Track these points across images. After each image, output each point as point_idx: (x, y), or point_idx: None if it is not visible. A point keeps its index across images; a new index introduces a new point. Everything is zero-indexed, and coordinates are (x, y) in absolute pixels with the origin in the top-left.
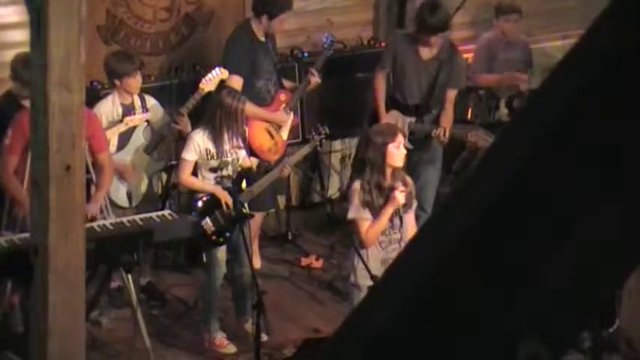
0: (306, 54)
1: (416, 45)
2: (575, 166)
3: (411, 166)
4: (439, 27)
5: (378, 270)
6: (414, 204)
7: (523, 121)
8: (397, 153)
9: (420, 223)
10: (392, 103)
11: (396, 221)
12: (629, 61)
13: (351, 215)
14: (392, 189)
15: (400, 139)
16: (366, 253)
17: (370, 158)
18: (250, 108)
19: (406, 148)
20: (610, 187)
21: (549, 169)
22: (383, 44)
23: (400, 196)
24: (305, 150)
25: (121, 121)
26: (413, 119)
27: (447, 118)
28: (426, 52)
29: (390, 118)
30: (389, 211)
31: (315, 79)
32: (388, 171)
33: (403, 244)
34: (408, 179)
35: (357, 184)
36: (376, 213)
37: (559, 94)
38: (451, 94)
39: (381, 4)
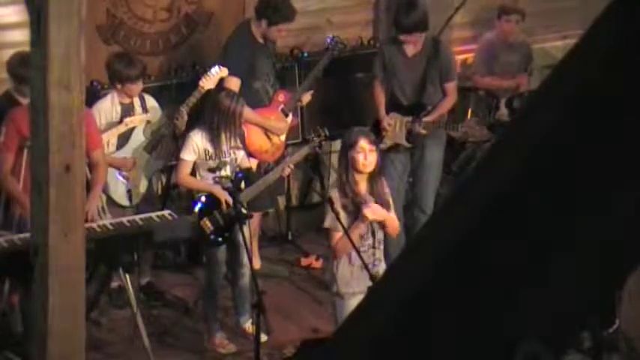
0: (306, 54)
1: (400, 44)
2: (575, 166)
3: (413, 166)
4: (415, 27)
5: (358, 276)
6: (391, 209)
7: (523, 121)
8: (358, 158)
9: (420, 226)
10: (391, 106)
11: (371, 231)
12: (629, 61)
13: (326, 224)
14: (363, 203)
15: (364, 144)
16: (348, 259)
17: (340, 160)
18: (248, 113)
19: (405, 147)
20: (610, 186)
21: (549, 169)
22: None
23: (369, 213)
24: (304, 151)
25: (121, 121)
26: (410, 118)
27: (442, 108)
28: (410, 50)
29: (390, 120)
30: (360, 227)
31: (307, 98)
32: (358, 177)
33: (380, 252)
34: (384, 187)
35: (334, 193)
36: (350, 216)
37: (559, 94)
38: (449, 86)
39: (380, 4)
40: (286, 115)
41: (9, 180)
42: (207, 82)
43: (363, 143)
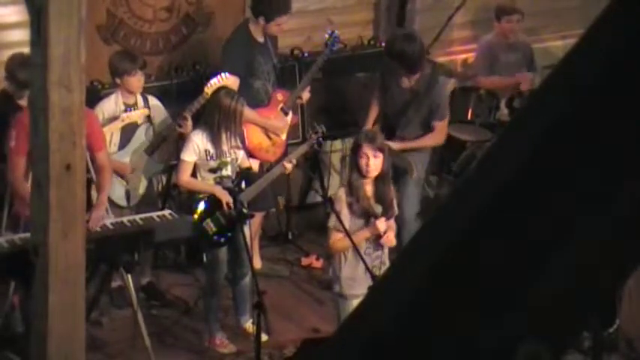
0: (306, 54)
1: (398, 74)
2: (575, 166)
3: (395, 174)
4: (410, 65)
5: (361, 277)
6: (395, 211)
7: (523, 121)
8: (361, 163)
9: (401, 238)
10: (383, 126)
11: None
12: (629, 61)
13: (331, 223)
14: (374, 213)
15: (366, 150)
16: (351, 259)
17: (350, 160)
18: (248, 113)
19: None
20: (610, 186)
21: (549, 169)
22: (383, 44)
23: (381, 226)
24: (302, 149)
25: (117, 117)
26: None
27: (419, 142)
28: (405, 81)
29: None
30: (365, 234)
31: (306, 95)
32: (363, 180)
33: (384, 255)
34: (390, 191)
35: (341, 192)
36: (354, 216)
37: (559, 94)
38: (436, 124)
39: (381, 4)
40: (286, 114)
41: (21, 183)
42: (212, 90)
43: (366, 149)
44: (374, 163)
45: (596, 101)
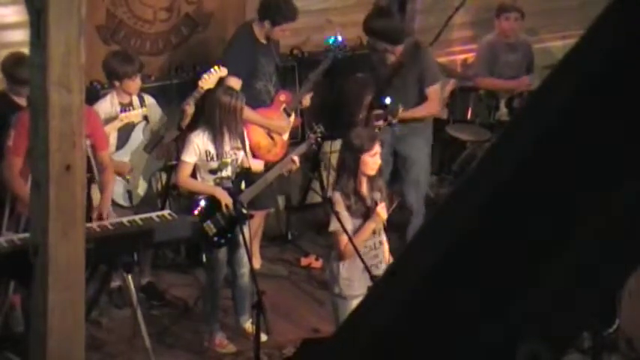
0: (305, 54)
1: (382, 52)
2: (575, 166)
3: (398, 165)
4: (391, 38)
5: (359, 277)
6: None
7: (523, 121)
8: (371, 162)
9: (410, 225)
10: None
11: (376, 233)
12: (630, 61)
13: (332, 227)
14: (374, 202)
15: (377, 148)
16: (352, 260)
17: (346, 162)
18: (249, 113)
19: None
20: (610, 187)
21: (549, 169)
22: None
23: (383, 212)
24: (301, 149)
25: (113, 117)
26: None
27: (415, 112)
28: (390, 56)
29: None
30: (371, 226)
31: (307, 100)
32: (363, 179)
33: (382, 254)
34: (382, 186)
35: (337, 195)
36: (354, 217)
37: (559, 94)
38: (429, 90)
39: (380, 4)
40: (289, 115)
41: (18, 182)
42: (206, 82)
43: (377, 147)
44: (379, 160)
45: (596, 101)
